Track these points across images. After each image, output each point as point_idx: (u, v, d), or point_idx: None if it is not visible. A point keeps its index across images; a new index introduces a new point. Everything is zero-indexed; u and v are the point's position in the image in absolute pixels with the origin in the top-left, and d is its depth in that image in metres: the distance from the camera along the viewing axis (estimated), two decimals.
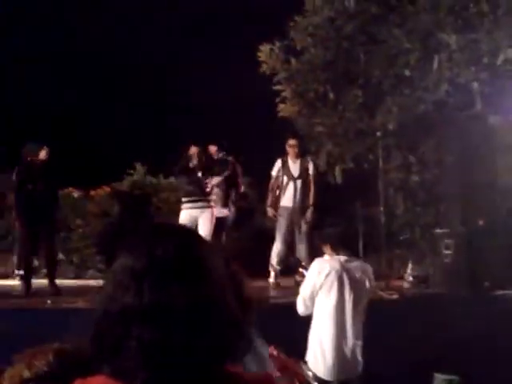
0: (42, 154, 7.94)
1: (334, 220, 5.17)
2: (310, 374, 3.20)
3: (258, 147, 10.38)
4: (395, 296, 7.62)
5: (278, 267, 8.49)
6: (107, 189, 11.18)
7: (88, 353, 1.23)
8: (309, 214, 8.54)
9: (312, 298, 4.68)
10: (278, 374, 2.73)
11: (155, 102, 13.29)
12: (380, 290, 7.70)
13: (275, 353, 2.88)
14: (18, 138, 8.39)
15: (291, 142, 8.76)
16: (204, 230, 8.18)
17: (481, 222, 8.21)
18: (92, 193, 11.25)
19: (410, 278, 8.58)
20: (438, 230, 8.55)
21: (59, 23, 12.97)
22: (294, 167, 8.68)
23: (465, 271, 7.82)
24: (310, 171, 8.76)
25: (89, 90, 13.13)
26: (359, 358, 4.71)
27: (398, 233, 9.87)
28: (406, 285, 8.52)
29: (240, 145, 9.93)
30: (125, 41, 12.42)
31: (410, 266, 8.83)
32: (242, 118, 11.59)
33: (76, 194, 11.15)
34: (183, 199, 8.58)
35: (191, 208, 8.43)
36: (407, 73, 9.20)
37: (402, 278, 8.78)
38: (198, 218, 8.37)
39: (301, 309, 4.78)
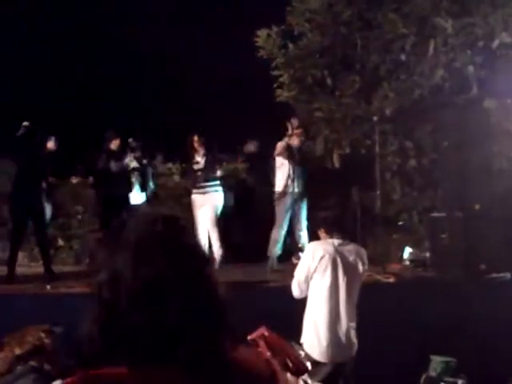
0: (50, 144, 8.16)
1: (328, 204, 5.20)
2: (303, 353, 3.24)
3: (255, 132, 10.40)
4: (392, 279, 7.67)
5: (278, 252, 8.50)
6: None
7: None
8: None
9: (306, 281, 4.74)
10: (268, 354, 2.77)
11: (153, 89, 13.28)
12: (377, 273, 7.76)
13: (266, 333, 2.92)
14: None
15: (298, 128, 8.82)
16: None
17: (477, 206, 8.24)
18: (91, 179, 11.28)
19: (408, 262, 8.63)
20: (435, 214, 8.59)
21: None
22: (296, 152, 8.70)
23: (461, 255, 7.87)
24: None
25: (86, 78, 13.13)
26: (354, 340, 4.77)
27: (396, 217, 9.91)
28: (403, 268, 8.57)
29: (237, 129, 9.98)
30: (122, 28, 12.42)
31: (407, 249, 8.88)
32: (240, 103, 11.59)
33: (75, 180, 11.18)
34: None
35: None
36: (403, 58, 9.21)
37: (399, 261, 8.83)
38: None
39: (296, 292, 4.83)
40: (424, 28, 9.12)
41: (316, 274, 4.67)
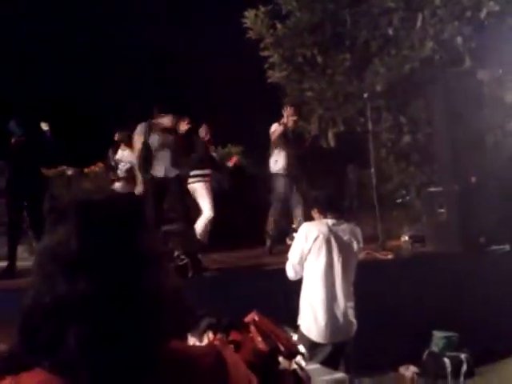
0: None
1: (321, 183, 5.14)
2: (295, 337, 3.21)
3: (247, 115, 10.34)
4: (390, 256, 7.63)
5: (273, 234, 8.45)
6: (101, 165, 11.16)
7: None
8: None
9: (301, 263, 4.69)
10: (259, 338, 2.74)
11: (145, 76, 13.21)
12: (375, 251, 7.72)
13: (256, 318, 2.88)
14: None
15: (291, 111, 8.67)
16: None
17: (473, 179, 8.18)
18: (86, 170, 11.24)
19: (406, 238, 8.58)
20: (432, 189, 8.53)
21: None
22: (290, 134, 8.61)
23: (459, 229, 7.82)
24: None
25: (81, 67, 13.08)
26: (352, 319, 4.72)
27: (393, 194, 9.86)
28: (402, 245, 8.53)
29: (229, 113, 9.91)
30: (110, 14, 12.35)
31: (405, 225, 8.83)
32: (231, 85, 11.52)
33: (70, 171, 11.13)
34: None
35: None
36: (391, 32, 9.11)
37: (397, 238, 8.78)
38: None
39: (291, 274, 4.79)
40: (411, 1, 9.00)
41: (310, 254, 4.62)
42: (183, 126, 7.86)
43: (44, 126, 7.75)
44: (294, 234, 7.37)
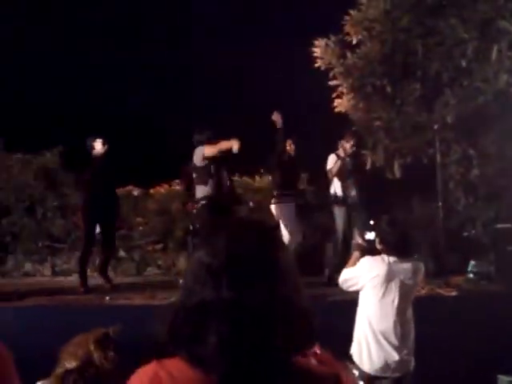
0: (98, 147, 7.90)
1: (394, 220, 4.89)
2: (357, 373, 3.12)
3: (315, 143, 10.28)
4: (454, 293, 7.43)
5: (333, 263, 8.32)
6: (166, 186, 11.32)
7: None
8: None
9: (354, 286, 4.60)
10: None
11: (214, 101, 13.37)
12: (438, 286, 7.53)
13: (318, 351, 2.82)
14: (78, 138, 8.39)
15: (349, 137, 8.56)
16: None
17: None
18: (151, 191, 11.41)
19: (471, 275, 8.35)
20: (500, 225, 8.30)
21: None
22: (349, 163, 8.51)
23: None
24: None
25: (152, 88, 13.35)
26: (407, 356, 4.54)
27: (459, 228, 9.62)
28: (466, 281, 8.30)
29: (297, 141, 9.87)
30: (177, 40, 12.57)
31: (471, 262, 8.59)
32: (298, 114, 11.52)
33: (136, 192, 11.33)
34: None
35: None
36: (464, 63, 8.95)
37: (463, 274, 8.55)
38: None
39: (342, 285, 4.69)
40: (487, 32, 8.84)
41: (367, 288, 4.51)
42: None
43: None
44: None
